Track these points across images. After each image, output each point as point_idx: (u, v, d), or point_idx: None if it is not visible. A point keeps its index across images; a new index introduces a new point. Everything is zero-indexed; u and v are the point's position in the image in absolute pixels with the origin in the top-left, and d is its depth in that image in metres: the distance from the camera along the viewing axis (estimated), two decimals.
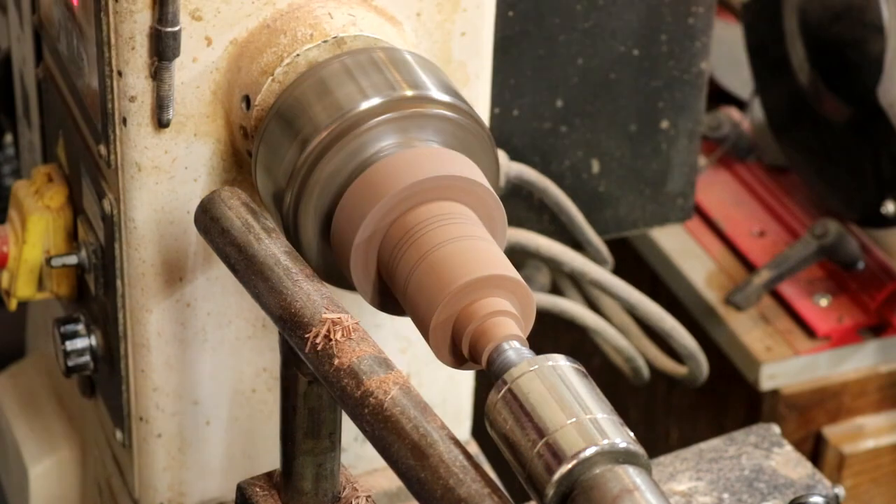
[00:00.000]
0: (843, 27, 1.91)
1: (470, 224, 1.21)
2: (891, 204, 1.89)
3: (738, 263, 2.03)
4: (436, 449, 1.07)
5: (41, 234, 1.50)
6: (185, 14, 1.28)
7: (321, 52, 1.30)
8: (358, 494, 1.30)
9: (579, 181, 1.73)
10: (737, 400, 1.98)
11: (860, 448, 1.94)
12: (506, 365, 1.11)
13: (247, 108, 1.31)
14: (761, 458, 1.45)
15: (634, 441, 1.04)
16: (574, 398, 1.06)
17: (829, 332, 1.92)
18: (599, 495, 1.01)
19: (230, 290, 1.41)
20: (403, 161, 1.22)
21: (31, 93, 1.63)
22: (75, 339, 1.50)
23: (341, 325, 1.15)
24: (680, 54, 1.70)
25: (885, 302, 1.94)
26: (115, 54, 1.29)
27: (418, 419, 1.09)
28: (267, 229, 1.24)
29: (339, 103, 1.25)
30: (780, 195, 2.09)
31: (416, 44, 1.37)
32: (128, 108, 1.31)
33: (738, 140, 2.12)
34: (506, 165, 1.66)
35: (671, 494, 1.41)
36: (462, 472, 1.05)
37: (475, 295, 1.15)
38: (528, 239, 1.69)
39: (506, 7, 1.60)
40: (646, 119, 1.72)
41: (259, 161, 1.30)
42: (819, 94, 1.95)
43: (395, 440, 1.08)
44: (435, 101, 1.26)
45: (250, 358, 1.45)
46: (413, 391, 1.11)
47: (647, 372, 1.87)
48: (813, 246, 1.96)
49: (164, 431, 1.46)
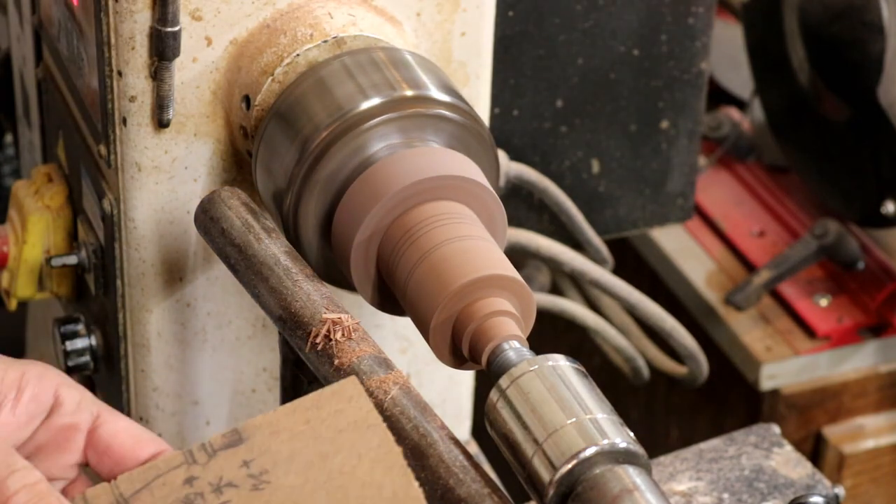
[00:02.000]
0: (843, 27, 1.91)
1: (470, 224, 1.21)
2: (891, 204, 1.89)
3: (738, 263, 2.03)
4: (436, 449, 1.07)
5: (41, 234, 1.50)
6: (185, 14, 1.28)
7: (321, 52, 1.30)
8: None
9: (579, 181, 1.73)
10: (737, 400, 1.98)
11: (860, 448, 1.94)
12: (506, 365, 1.11)
13: (247, 108, 1.31)
14: (761, 458, 1.45)
15: (634, 441, 1.04)
16: (574, 398, 1.06)
17: (829, 332, 1.92)
18: (599, 495, 1.01)
19: (230, 290, 1.41)
20: (403, 161, 1.22)
21: (31, 93, 1.63)
22: (75, 339, 1.50)
23: (341, 325, 1.15)
24: (680, 54, 1.70)
25: (885, 302, 1.94)
26: (115, 54, 1.29)
27: (418, 419, 1.09)
28: (267, 229, 1.24)
29: (339, 103, 1.25)
30: (780, 195, 2.09)
31: (416, 44, 1.37)
32: (128, 108, 1.31)
33: (738, 140, 2.12)
34: (506, 165, 1.66)
35: (671, 494, 1.41)
36: (462, 472, 1.05)
37: (475, 295, 1.15)
38: (528, 239, 1.69)
39: (506, 7, 1.60)
40: (646, 119, 1.72)
41: (259, 161, 1.30)
42: (819, 94, 1.95)
43: (395, 440, 1.08)
44: (435, 101, 1.26)
45: (250, 358, 1.45)
46: (413, 391, 1.11)
47: (647, 372, 1.87)
48: (813, 246, 1.96)
49: (164, 431, 1.46)
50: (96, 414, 1.11)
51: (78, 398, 1.11)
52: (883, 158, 1.89)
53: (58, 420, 1.10)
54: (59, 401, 1.11)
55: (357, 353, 1.13)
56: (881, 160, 1.89)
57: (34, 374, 1.10)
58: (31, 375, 1.10)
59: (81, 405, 1.11)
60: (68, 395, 1.11)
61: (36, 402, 1.10)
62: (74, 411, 1.11)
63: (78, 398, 1.11)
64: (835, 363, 1.94)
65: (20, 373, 1.10)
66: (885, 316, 1.94)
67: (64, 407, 1.11)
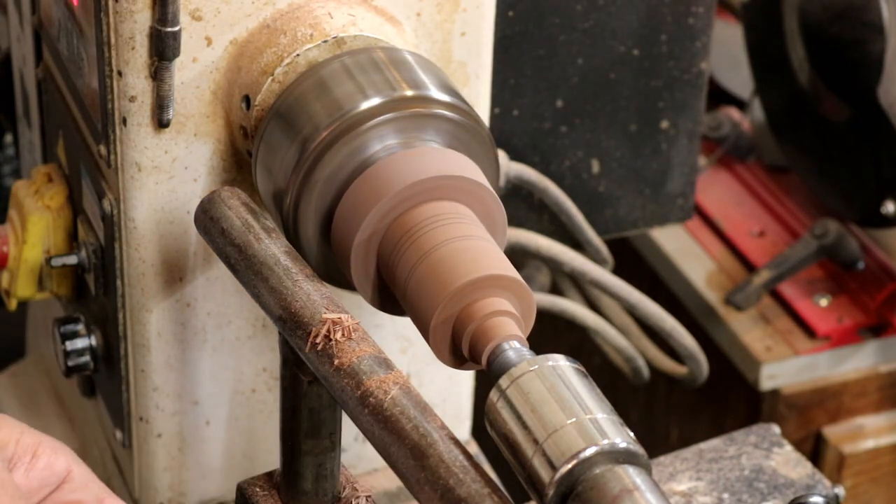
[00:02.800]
0: (843, 27, 1.91)
1: (470, 224, 1.21)
2: (891, 204, 1.89)
3: (738, 263, 2.03)
4: (436, 449, 1.07)
5: (41, 234, 1.50)
6: (185, 14, 1.28)
7: (321, 51, 1.30)
8: (358, 494, 1.30)
9: (579, 181, 1.73)
10: (737, 400, 1.98)
11: (860, 448, 1.94)
12: (506, 365, 1.11)
13: (247, 108, 1.31)
14: (761, 458, 1.45)
15: (634, 441, 1.04)
16: (574, 398, 1.06)
17: (829, 332, 1.92)
18: (599, 495, 1.01)
19: (230, 290, 1.41)
20: (403, 161, 1.22)
21: (31, 93, 1.63)
22: (75, 339, 1.50)
23: (341, 325, 1.15)
24: (680, 54, 1.70)
25: (885, 302, 1.94)
26: (115, 54, 1.29)
27: (418, 419, 1.09)
28: (267, 229, 1.24)
29: (340, 103, 1.25)
30: (780, 195, 2.09)
31: (416, 44, 1.37)
32: (128, 108, 1.31)
33: (738, 140, 2.12)
34: (506, 165, 1.66)
35: (671, 494, 1.41)
36: (462, 472, 1.05)
37: (475, 295, 1.15)
38: (528, 239, 1.69)
39: (506, 7, 1.60)
40: (646, 119, 1.72)
41: (259, 161, 1.30)
42: (819, 94, 1.95)
43: (395, 440, 1.08)
44: (435, 101, 1.26)
45: (250, 358, 1.45)
46: (413, 391, 1.11)
47: (647, 372, 1.87)
48: (813, 246, 1.96)
49: (164, 431, 1.46)
50: (101, 498, 1.13)
51: (87, 478, 1.13)
52: (883, 158, 1.89)
53: (66, 494, 1.12)
54: (70, 476, 1.13)
55: (357, 353, 1.13)
56: (881, 160, 1.89)
57: (49, 446, 1.12)
58: (47, 446, 1.12)
59: (89, 486, 1.13)
60: (79, 472, 1.13)
61: (49, 471, 1.11)
62: (82, 489, 1.13)
63: (87, 478, 1.13)
64: (835, 363, 1.94)
65: (37, 441, 1.12)
66: (885, 316, 1.94)
67: (73, 483, 1.12)
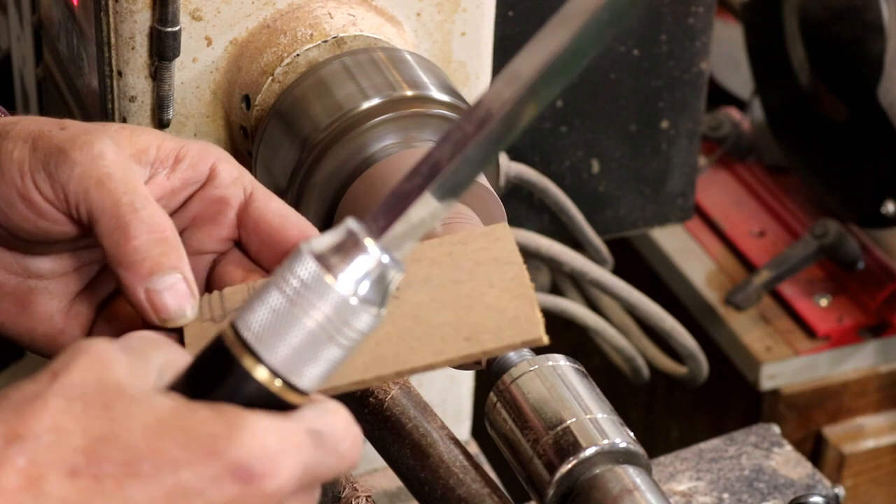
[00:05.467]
0: (843, 27, 1.91)
1: (470, 224, 1.21)
2: (891, 204, 1.89)
3: (738, 263, 2.03)
4: (436, 449, 1.07)
5: None
6: (185, 14, 1.28)
7: (321, 52, 1.30)
8: (358, 494, 1.30)
9: (579, 181, 1.73)
10: (737, 400, 1.98)
11: (860, 448, 1.94)
12: (506, 365, 1.11)
13: (247, 108, 1.31)
14: (761, 458, 1.45)
15: (634, 441, 1.04)
16: (574, 398, 1.06)
17: (829, 332, 1.92)
18: (599, 495, 1.01)
19: None
20: (403, 161, 1.22)
21: (31, 93, 1.63)
22: None
23: None
24: (680, 54, 1.70)
25: (885, 302, 1.94)
26: (115, 54, 1.29)
27: (418, 419, 1.09)
28: None
29: (340, 103, 1.25)
30: (780, 195, 2.09)
31: (416, 44, 1.36)
32: (128, 108, 1.31)
33: (738, 140, 2.12)
34: (506, 165, 1.66)
35: (671, 494, 1.41)
36: (462, 472, 1.05)
37: None
38: (528, 239, 1.69)
39: (506, 7, 1.59)
40: (646, 119, 1.72)
41: (259, 161, 1.30)
42: (819, 94, 1.95)
43: (395, 440, 1.08)
44: (435, 101, 1.26)
45: None
46: (413, 391, 1.11)
47: (647, 372, 1.87)
48: (813, 246, 1.96)
49: None
50: (250, 191, 1.07)
51: (235, 174, 1.07)
52: (883, 158, 1.89)
53: (211, 192, 1.06)
54: (214, 173, 1.06)
55: None
56: (881, 160, 1.90)
57: (194, 147, 1.06)
58: (191, 147, 1.06)
59: (237, 181, 1.06)
60: (225, 169, 1.06)
61: (193, 170, 1.05)
62: (228, 185, 1.06)
63: (235, 174, 1.07)
64: (835, 363, 1.94)
65: (180, 144, 1.06)
66: (885, 316, 1.94)
67: (219, 180, 1.06)
